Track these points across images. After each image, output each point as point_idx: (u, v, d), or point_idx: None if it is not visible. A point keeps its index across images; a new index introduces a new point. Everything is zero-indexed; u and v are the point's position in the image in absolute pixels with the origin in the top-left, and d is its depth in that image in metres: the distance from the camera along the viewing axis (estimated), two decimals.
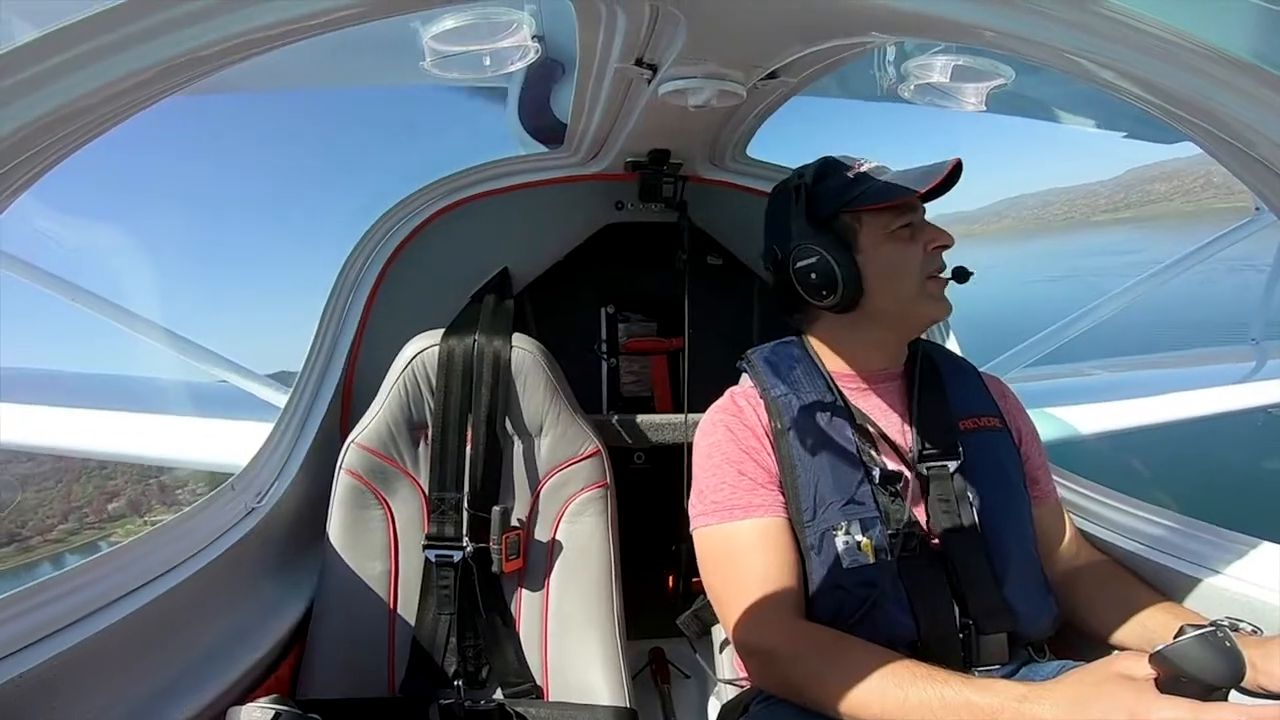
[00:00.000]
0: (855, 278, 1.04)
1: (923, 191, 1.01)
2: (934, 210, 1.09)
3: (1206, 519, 1.09)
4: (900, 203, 1.03)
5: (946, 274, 1.07)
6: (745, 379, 1.16)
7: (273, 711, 0.76)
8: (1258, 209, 2.54)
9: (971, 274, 1.07)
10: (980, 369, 1.21)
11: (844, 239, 1.05)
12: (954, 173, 1.01)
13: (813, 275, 1.05)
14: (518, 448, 1.34)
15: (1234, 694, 0.68)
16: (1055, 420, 1.98)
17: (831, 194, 1.07)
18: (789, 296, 1.11)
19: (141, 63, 0.51)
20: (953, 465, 1.05)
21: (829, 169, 1.10)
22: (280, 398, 1.71)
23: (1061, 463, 1.26)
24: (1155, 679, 0.68)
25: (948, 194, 1.05)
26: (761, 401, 1.08)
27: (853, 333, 1.10)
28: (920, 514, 1.03)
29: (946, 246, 1.06)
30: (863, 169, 1.08)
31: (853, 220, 1.05)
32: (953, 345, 1.56)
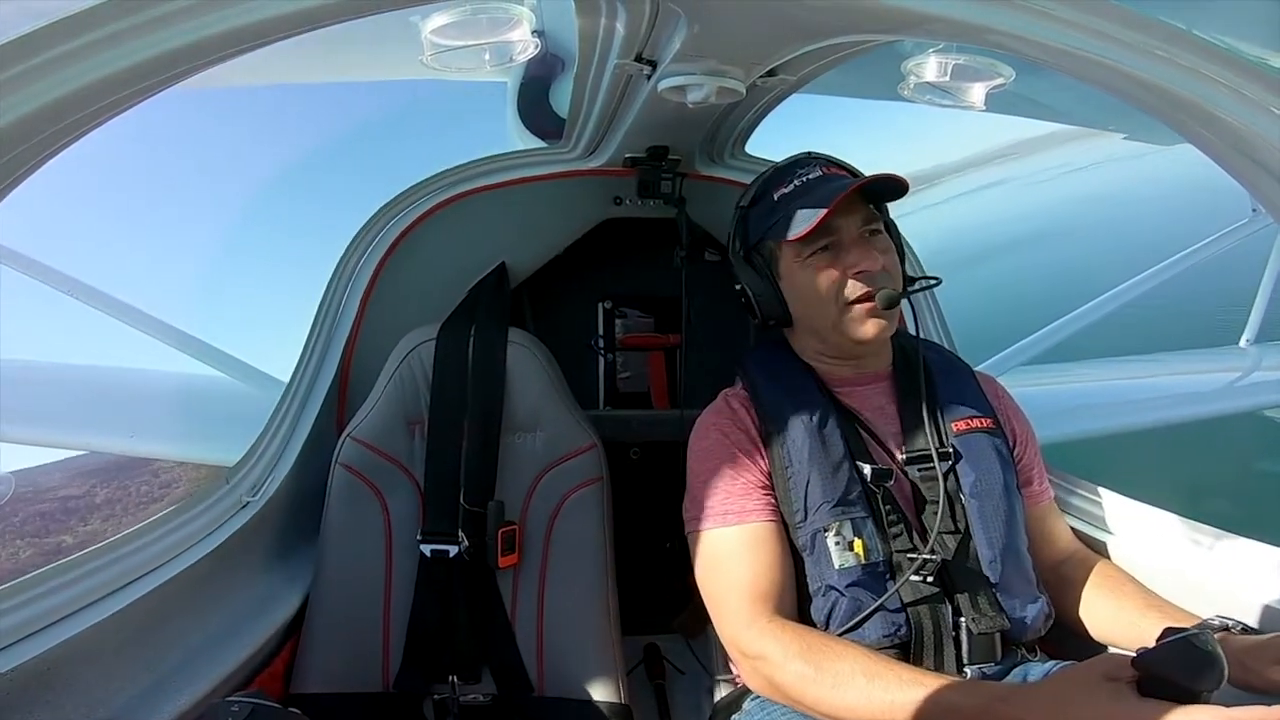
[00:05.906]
0: (775, 304, 1.09)
1: (825, 215, 0.97)
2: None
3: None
4: (808, 232, 1.00)
5: (880, 297, 1.01)
6: (739, 381, 1.16)
7: (250, 706, 0.77)
8: (1254, 210, 2.56)
9: (903, 297, 1.03)
10: (975, 368, 1.21)
11: (768, 265, 1.08)
12: (880, 190, 1.01)
13: (743, 299, 1.12)
14: (514, 443, 1.34)
15: (1225, 691, 0.69)
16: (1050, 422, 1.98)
17: (755, 221, 1.10)
18: None
19: (136, 58, 0.51)
20: (944, 466, 1.04)
21: (763, 190, 1.10)
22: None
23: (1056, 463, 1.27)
24: (1137, 682, 0.68)
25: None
26: (753, 403, 1.09)
27: (811, 343, 1.11)
28: (912, 515, 1.03)
29: (867, 272, 1.01)
30: (801, 182, 1.05)
31: (775, 247, 1.07)
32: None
